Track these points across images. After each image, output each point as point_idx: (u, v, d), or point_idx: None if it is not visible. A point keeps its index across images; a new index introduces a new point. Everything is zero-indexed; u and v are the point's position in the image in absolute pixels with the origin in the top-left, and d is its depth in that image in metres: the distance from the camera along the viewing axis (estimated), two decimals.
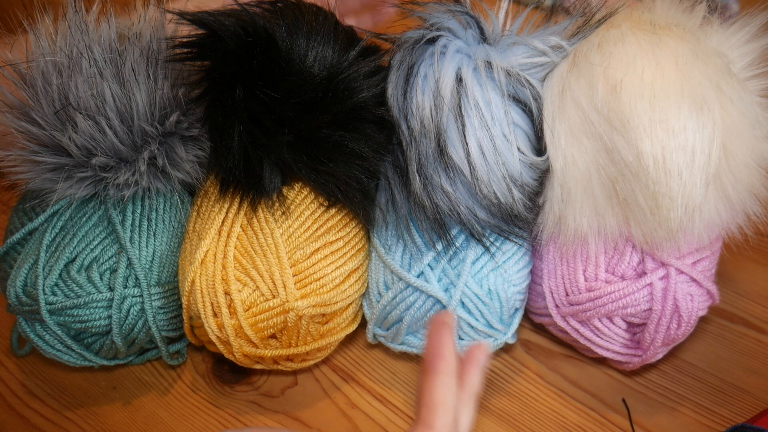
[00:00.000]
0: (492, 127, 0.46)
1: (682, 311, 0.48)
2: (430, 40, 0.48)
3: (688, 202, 0.44)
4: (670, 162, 0.43)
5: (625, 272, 0.49)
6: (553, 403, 0.53)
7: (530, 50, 0.48)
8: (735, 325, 0.58)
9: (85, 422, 0.53)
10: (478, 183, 0.46)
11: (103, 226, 0.50)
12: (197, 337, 0.52)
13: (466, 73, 0.46)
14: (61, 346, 0.50)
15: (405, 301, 0.50)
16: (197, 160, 0.51)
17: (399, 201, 0.48)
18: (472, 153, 0.45)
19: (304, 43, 0.46)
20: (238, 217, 0.49)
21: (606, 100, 0.44)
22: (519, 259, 0.51)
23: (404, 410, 0.53)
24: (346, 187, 0.48)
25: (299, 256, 0.48)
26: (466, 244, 0.50)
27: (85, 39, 0.47)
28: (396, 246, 0.50)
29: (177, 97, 0.49)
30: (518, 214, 0.48)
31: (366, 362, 0.56)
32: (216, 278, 0.47)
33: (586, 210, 0.47)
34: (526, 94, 0.47)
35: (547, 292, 0.52)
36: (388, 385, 0.55)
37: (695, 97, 0.43)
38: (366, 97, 0.47)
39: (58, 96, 0.47)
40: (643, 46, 0.44)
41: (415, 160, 0.46)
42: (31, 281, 0.49)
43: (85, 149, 0.47)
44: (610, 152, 0.45)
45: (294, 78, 0.46)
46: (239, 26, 0.45)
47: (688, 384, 0.54)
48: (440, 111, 0.45)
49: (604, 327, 0.50)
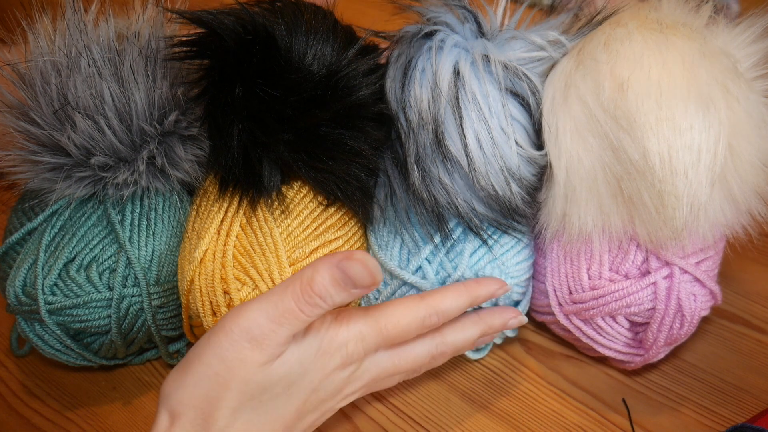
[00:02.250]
0: (489, 120, 0.46)
1: (685, 311, 0.48)
2: (427, 34, 0.48)
3: (693, 201, 0.43)
4: (676, 161, 0.43)
5: (629, 271, 0.49)
6: (553, 403, 0.53)
7: (528, 45, 0.48)
8: (736, 325, 0.57)
9: (85, 422, 0.53)
10: (476, 175, 0.46)
11: (102, 225, 0.50)
12: (196, 337, 0.52)
13: (463, 66, 0.46)
14: (61, 346, 0.50)
15: (404, 296, 0.50)
16: (196, 159, 0.50)
17: (398, 195, 0.48)
18: (470, 145, 0.45)
19: (303, 41, 0.46)
20: (237, 216, 0.49)
21: (613, 98, 0.44)
22: (518, 252, 0.51)
23: (405, 410, 0.53)
24: (345, 185, 0.48)
25: (298, 255, 0.48)
26: (463, 236, 0.49)
27: (84, 39, 0.47)
28: (393, 242, 0.50)
29: (176, 96, 0.49)
30: (516, 208, 0.48)
31: None
32: (215, 277, 0.47)
33: (590, 208, 0.47)
34: (524, 87, 0.47)
35: (551, 290, 0.52)
36: None
37: (702, 96, 0.43)
38: (365, 94, 0.47)
39: (56, 96, 0.46)
40: (649, 45, 0.44)
41: (413, 152, 0.46)
42: (31, 281, 0.49)
43: (84, 149, 0.47)
44: (615, 151, 0.44)
45: (293, 76, 0.46)
46: (239, 25, 0.45)
47: (689, 384, 0.54)
48: (438, 103, 0.45)
49: (607, 326, 0.50)
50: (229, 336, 0.38)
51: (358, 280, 0.38)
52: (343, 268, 0.38)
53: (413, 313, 0.44)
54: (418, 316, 0.44)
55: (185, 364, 0.39)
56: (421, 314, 0.44)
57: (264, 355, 0.38)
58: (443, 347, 0.47)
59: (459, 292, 0.46)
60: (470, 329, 0.48)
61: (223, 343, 0.38)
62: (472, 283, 0.47)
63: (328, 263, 0.38)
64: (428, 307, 0.44)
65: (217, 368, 0.38)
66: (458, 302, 0.45)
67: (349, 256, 0.38)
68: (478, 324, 0.48)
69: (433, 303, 0.44)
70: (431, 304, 0.44)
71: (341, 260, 0.38)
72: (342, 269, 0.38)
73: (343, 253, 0.38)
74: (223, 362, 0.38)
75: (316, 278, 0.38)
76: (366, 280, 0.38)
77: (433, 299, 0.44)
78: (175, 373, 0.40)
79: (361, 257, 0.38)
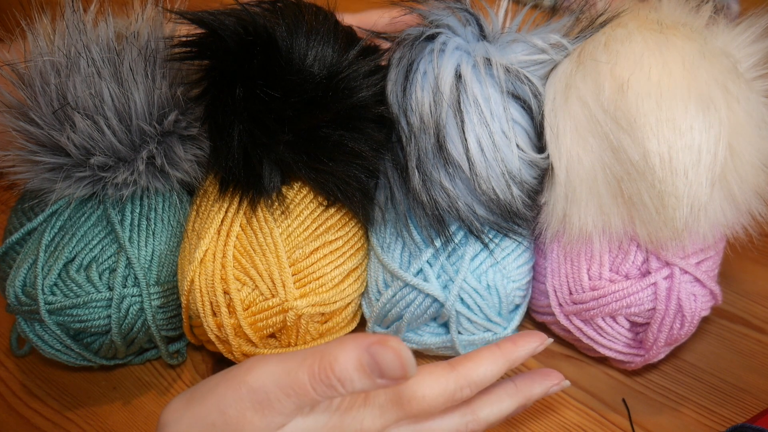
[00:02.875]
0: (491, 124, 0.46)
1: (685, 311, 0.48)
2: (429, 37, 0.48)
3: (693, 201, 0.43)
4: (676, 161, 0.43)
5: (630, 271, 0.49)
6: (553, 403, 0.53)
7: (530, 47, 0.48)
8: (736, 325, 0.57)
9: (85, 422, 0.53)
10: (477, 179, 0.46)
11: (102, 225, 0.50)
12: (196, 337, 0.52)
13: (465, 69, 0.46)
14: (61, 346, 0.50)
15: (405, 299, 0.50)
16: (196, 159, 0.50)
17: (398, 198, 0.48)
18: (471, 149, 0.45)
19: (304, 42, 0.46)
20: (237, 216, 0.49)
21: (613, 98, 0.44)
22: (519, 255, 0.51)
23: None
24: (345, 186, 0.48)
25: (298, 255, 0.48)
26: (464, 240, 0.49)
27: (83, 39, 0.47)
28: (395, 244, 0.50)
29: (175, 96, 0.49)
30: (517, 212, 0.48)
31: None
32: (215, 277, 0.47)
33: (591, 209, 0.47)
34: (526, 91, 0.47)
35: (551, 291, 0.52)
36: None
37: (702, 96, 0.43)
38: (366, 96, 0.47)
39: (56, 96, 0.46)
40: (650, 45, 0.44)
41: (414, 156, 0.46)
42: (30, 281, 0.48)
43: (83, 149, 0.47)
44: (616, 151, 0.44)
45: (294, 77, 0.46)
46: (239, 25, 0.44)
47: (689, 384, 0.54)
48: (439, 107, 0.45)
49: (607, 326, 0.50)
50: (236, 392, 0.35)
51: (388, 370, 0.33)
52: (373, 353, 0.33)
53: (442, 385, 0.38)
54: (448, 389, 0.38)
55: (189, 398, 0.37)
56: (451, 387, 0.38)
57: (264, 421, 0.35)
58: (474, 425, 0.41)
59: (494, 357, 0.40)
60: (506, 402, 0.43)
61: (228, 397, 0.35)
62: (509, 345, 0.41)
63: (358, 344, 0.34)
64: (459, 379, 0.39)
65: (215, 419, 0.35)
66: (494, 370, 0.40)
67: (383, 341, 0.33)
68: (516, 397, 0.43)
69: (464, 373, 0.39)
70: (462, 374, 0.39)
71: (373, 344, 0.33)
72: (372, 355, 0.33)
73: (376, 337, 0.34)
74: (222, 416, 0.35)
75: (340, 358, 0.33)
76: (396, 371, 0.33)
77: (464, 368, 0.39)
78: (177, 402, 0.37)
79: (396, 345, 0.33)
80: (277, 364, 0.35)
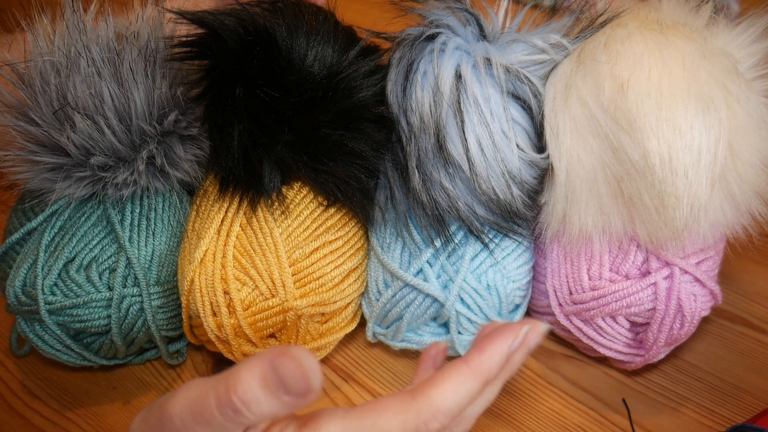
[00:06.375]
0: (491, 124, 0.46)
1: (685, 311, 0.48)
2: (429, 37, 0.48)
3: (693, 201, 0.43)
4: (676, 161, 0.43)
5: (630, 271, 0.49)
6: (553, 403, 0.53)
7: (530, 47, 0.48)
8: (735, 325, 0.57)
9: (85, 422, 0.53)
10: (477, 179, 0.46)
11: (102, 225, 0.50)
12: (196, 337, 0.52)
13: (465, 69, 0.46)
14: (61, 346, 0.50)
15: (405, 298, 0.50)
16: (196, 159, 0.50)
17: (398, 198, 0.48)
18: (471, 149, 0.45)
19: (304, 42, 0.46)
20: (237, 216, 0.49)
21: (613, 98, 0.44)
22: (519, 255, 0.51)
23: None
24: (345, 186, 0.48)
25: (298, 255, 0.48)
26: (464, 240, 0.49)
27: (83, 39, 0.47)
28: (395, 244, 0.50)
29: (175, 96, 0.49)
30: (517, 212, 0.48)
31: (365, 362, 0.56)
32: (215, 277, 0.47)
33: (591, 209, 0.47)
34: (526, 91, 0.47)
35: (551, 291, 0.52)
36: (388, 384, 0.55)
37: (702, 96, 0.43)
38: (366, 96, 0.47)
39: (56, 96, 0.46)
40: (650, 45, 0.44)
41: (414, 156, 0.46)
42: (30, 281, 0.48)
43: (83, 149, 0.47)
44: (616, 151, 0.44)
45: (294, 77, 0.46)
46: (239, 25, 0.44)
47: (689, 384, 0.54)
48: (439, 107, 0.45)
49: (607, 326, 0.50)
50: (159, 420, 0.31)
51: (290, 382, 0.28)
52: (275, 366, 0.28)
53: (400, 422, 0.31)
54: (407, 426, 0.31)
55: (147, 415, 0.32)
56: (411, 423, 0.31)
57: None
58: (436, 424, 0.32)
59: (460, 375, 0.32)
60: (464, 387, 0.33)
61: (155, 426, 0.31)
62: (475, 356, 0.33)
63: (263, 359, 0.29)
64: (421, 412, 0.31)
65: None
66: (463, 390, 0.32)
67: (285, 351, 0.28)
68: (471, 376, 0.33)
69: (427, 403, 0.31)
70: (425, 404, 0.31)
71: (276, 356, 0.28)
72: (274, 368, 0.28)
73: (280, 348, 0.29)
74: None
75: (244, 377, 0.28)
76: (298, 382, 0.28)
77: (425, 397, 0.32)
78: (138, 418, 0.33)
79: (297, 353, 0.28)
80: (196, 388, 0.30)
